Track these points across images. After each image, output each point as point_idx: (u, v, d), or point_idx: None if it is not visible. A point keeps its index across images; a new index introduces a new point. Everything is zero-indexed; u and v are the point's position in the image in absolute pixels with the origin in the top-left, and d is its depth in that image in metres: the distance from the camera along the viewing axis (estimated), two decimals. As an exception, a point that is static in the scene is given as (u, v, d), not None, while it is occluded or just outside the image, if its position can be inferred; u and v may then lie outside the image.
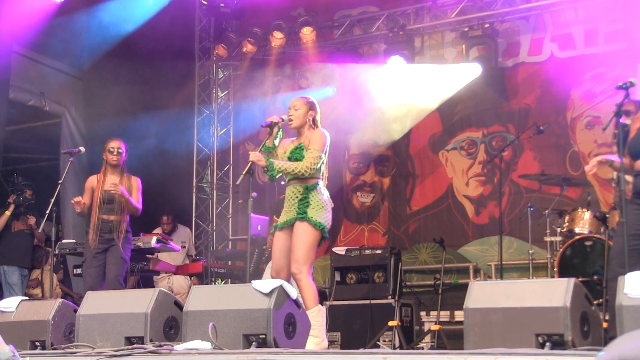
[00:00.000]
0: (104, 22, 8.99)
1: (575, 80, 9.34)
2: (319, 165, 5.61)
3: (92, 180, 7.24)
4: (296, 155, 5.66)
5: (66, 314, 5.26)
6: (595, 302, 4.22)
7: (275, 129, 5.73)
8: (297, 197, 5.61)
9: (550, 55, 9.61)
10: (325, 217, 5.59)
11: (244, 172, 5.59)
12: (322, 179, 5.73)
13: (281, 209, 5.79)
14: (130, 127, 8.76)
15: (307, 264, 5.48)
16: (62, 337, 5.21)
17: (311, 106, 5.78)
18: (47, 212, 7.04)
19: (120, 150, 7.16)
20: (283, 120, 5.76)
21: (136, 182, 7.24)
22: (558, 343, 3.79)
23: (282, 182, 5.93)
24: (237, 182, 6.01)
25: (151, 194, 7.44)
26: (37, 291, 9.21)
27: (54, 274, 9.33)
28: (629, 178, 5.06)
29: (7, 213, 8.70)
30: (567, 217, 7.58)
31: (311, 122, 5.74)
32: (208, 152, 11.29)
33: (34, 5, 8.36)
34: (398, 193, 10.40)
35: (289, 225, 5.62)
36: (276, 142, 5.79)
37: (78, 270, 8.16)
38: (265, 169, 5.59)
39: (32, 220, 8.82)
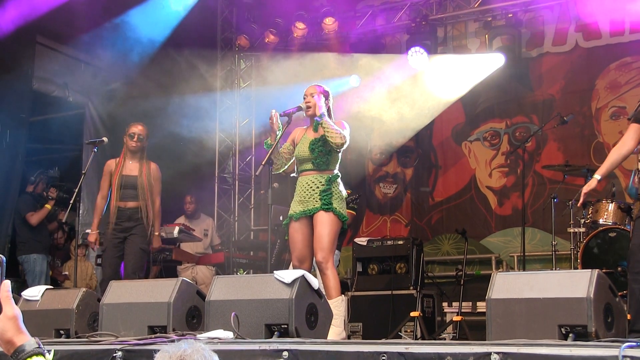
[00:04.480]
0: (131, 22, 8.99)
1: (600, 70, 9.25)
2: (345, 143, 5.58)
3: (111, 165, 7.01)
4: (319, 147, 5.64)
5: (90, 303, 5.30)
6: (620, 293, 4.18)
7: (286, 120, 5.71)
8: (317, 187, 5.61)
9: (575, 45, 9.52)
10: (345, 209, 5.67)
11: (262, 163, 5.60)
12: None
13: None
14: (153, 118, 8.76)
15: (332, 254, 5.56)
16: (86, 326, 5.25)
17: (327, 95, 5.79)
18: (71, 202, 6.92)
19: (141, 137, 6.96)
20: (301, 108, 5.75)
21: (157, 171, 7.04)
22: (581, 334, 3.76)
23: (293, 175, 5.93)
24: (257, 173, 6.00)
25: (173, 185, 7.44)
26: (67, 284, 9.23)
27: (91, 264, 9.40)
28: None
29: (48, 207, 8.58)
30: (591, 208, 7.51)
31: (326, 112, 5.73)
32: (230, 143, 11.29)
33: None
34: (421, 184, 10.36)
35: (307, 216, 5.63)
36: (278, 134, 5.69)
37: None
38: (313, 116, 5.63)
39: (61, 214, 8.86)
